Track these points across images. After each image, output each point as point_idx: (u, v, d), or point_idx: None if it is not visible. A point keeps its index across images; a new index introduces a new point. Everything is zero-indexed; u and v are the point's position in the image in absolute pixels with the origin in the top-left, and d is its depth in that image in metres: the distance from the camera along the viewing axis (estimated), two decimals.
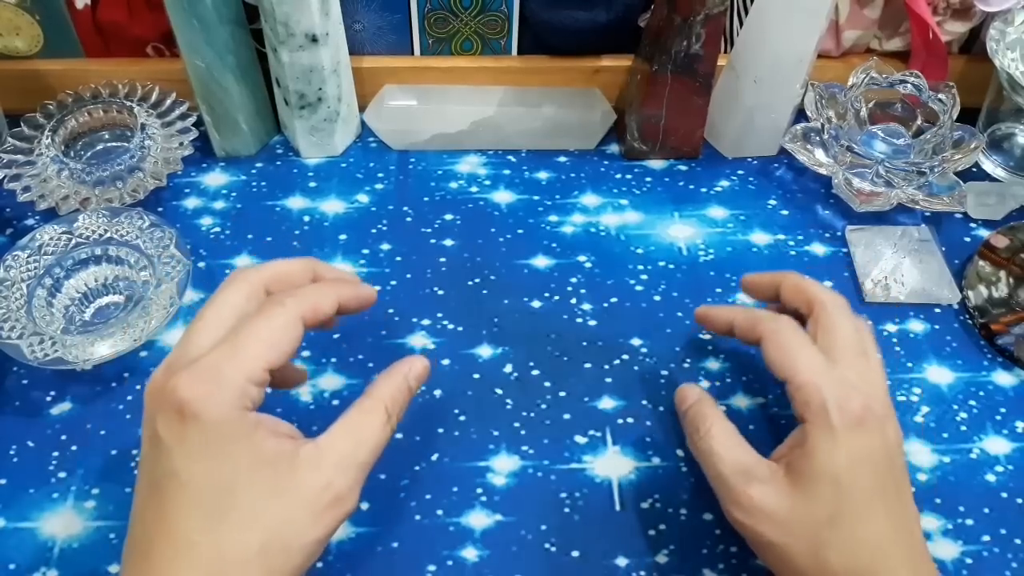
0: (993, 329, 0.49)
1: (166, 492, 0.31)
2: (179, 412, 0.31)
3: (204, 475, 0.31)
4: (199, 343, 0.33)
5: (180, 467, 0.31)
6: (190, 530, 0.31)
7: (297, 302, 0.35)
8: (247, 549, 0.31)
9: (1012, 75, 0.53)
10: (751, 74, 0.55)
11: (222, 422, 0.31)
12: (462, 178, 0.58)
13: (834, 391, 0.36)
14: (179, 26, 0.51)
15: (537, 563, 0.40)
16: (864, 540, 0.34)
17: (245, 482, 0.31)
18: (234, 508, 0.31)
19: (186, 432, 0.31)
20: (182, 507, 0.31)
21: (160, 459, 0.31)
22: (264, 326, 0.34)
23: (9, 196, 0.52)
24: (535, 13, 0.57)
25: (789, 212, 0.56)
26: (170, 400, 0.31)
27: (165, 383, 0.32)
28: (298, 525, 0.32)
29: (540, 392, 0.46)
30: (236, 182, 0.57)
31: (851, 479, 0.34)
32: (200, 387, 0.31)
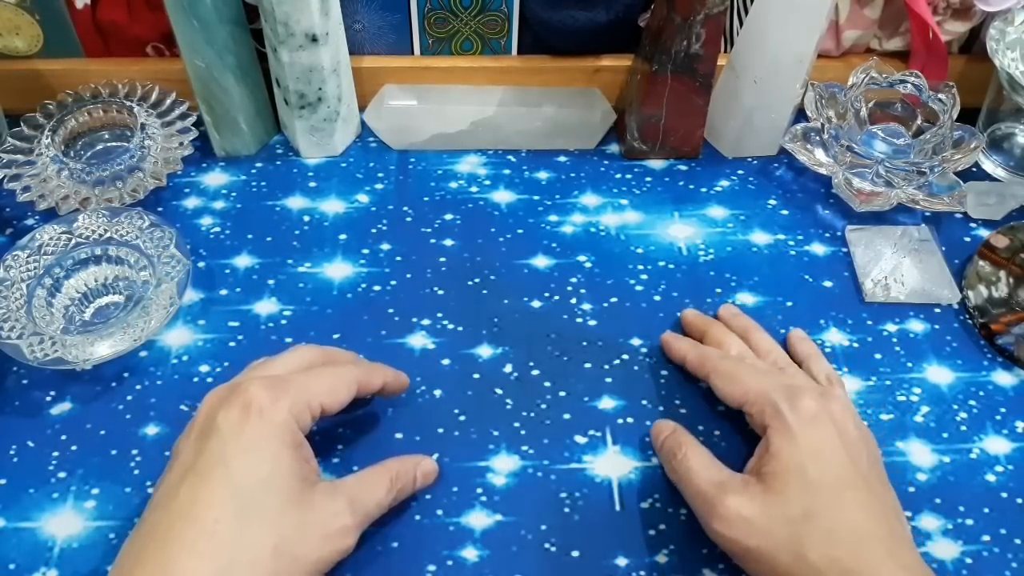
0: (993, 329, 0.49)
1: (209, 477, 0.34)
2: (245, 407, 0.35)
3: (249, 467, 0.34)
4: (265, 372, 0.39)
5: (230, 455, 0.34)
6: (219, 519, 0.33)
7: (357, 368, 0.41)
8: (261, 549, 0.33)
9: (1012, 75, 0.53)
10: (751, 74, 0.55)
11: (279, 424, 0.35)
12: (462, 178, 0.58)
13: (783, 393, 0.39)
14: (179, 26, 0.51)
15: (537, 563, 0.40)
16: (840, 531, 0.35)
17: (279, 485, 0.34)
18: (263, 507, 0.34)
19: (246, 425, 0.35)
20: (219, 494, 0.33)
21: (210, 447, 0.34)
22: (331, 373, 0.39)
23: (9, 196, 0.52)
24: (535, 13, 0.57)
25: (789, 212, 0.56)
26: (239, 396, 0.35)
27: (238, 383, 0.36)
28: (309, 540, 0.34)
29: (540, 392, 0.46)
30: (236, 182, 0.57)
31: (816, 472, 0.36)
32: (269, 392, 0.36)
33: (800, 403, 0.38)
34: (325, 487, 0.36)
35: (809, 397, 0.39)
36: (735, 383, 0.41)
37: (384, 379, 0.42)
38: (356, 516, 0.36)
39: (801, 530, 0.35)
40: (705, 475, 0.39)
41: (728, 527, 0.37)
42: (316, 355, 0.41)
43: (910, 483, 0.43)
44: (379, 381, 0.42)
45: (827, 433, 0.38)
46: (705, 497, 0.38)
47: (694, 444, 0.41)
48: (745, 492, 0.37)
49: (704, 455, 0.40)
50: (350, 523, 0.36)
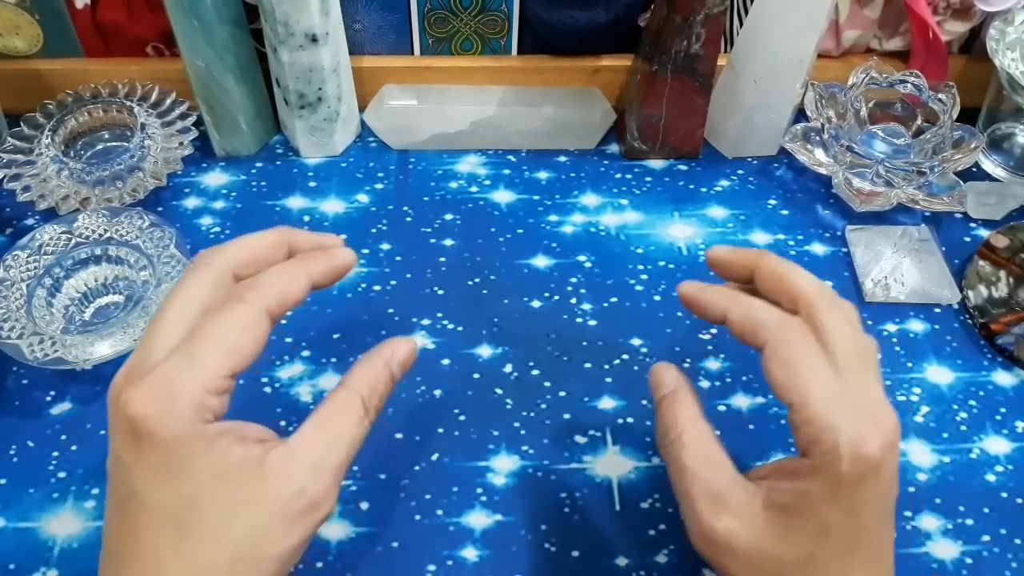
0: (993, 329, 0.49)
1: (129, 512, 0.29)
2: (133, 432, 0.29)
3: (165, 495, 0.29)
4: (159, 345, 0.30)
5: (140, 488, 0.29)
6: (157, 549, 0.29)
7: (260, 295, 0.31)
8: (216, 563, 0.29)
9: (1012, 75, 0.53)
10: (751, 74, 0.55)
11: (179, 440, 0.29)
12: (462, 178, 0.58)
13: (849, 432, 0.30)
14: (179, 26, 0.51)
15: (537, 563, 0.40)
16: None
17: (209, 497, 0.29)
18: (200, 524, 0.29)
19: (142, 452, 0.29)
20: (146, 527, 0.29)
21: (120, 479, 0.30)
22: (223, 328, 0.30)
23: (9, 196, 0.52)
24: (535, 13, 0.57)
25: (789, 212, 0.56)
26: (123, 417, 0.29)
27: (118, 396, 0.29)
28: (269, 535, 0.30)
29: (540, 392, 0.46)
30: (236, 182, 0.57)
31: (840, 527, 0.30)
32: (153, 404, 0.29)
33: (863, 450, 0.30)
34: (277, 459, 0.30)
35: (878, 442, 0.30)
36: (794, 377, 0.31)
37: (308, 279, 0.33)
38: (323, 478, 0.30)
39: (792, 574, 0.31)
40: (699, 477, 0.32)
41: (711, 548, 0.32)
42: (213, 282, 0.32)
43: (910, 483, 0.43)
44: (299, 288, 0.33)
45: (874, 486, 0.30)
46: (694, 506, 0.32)
47: (693, 423, 0.34)
48: (743, 515, 0.31)
49: (703, 441, 0.33)
50: (317, 492, 0.30)
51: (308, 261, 0.34)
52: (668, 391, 0.35)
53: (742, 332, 0.34)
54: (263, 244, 0.34)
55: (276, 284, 0.32)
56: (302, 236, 0.36)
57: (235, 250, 0.34)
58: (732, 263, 0.37)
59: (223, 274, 0.33)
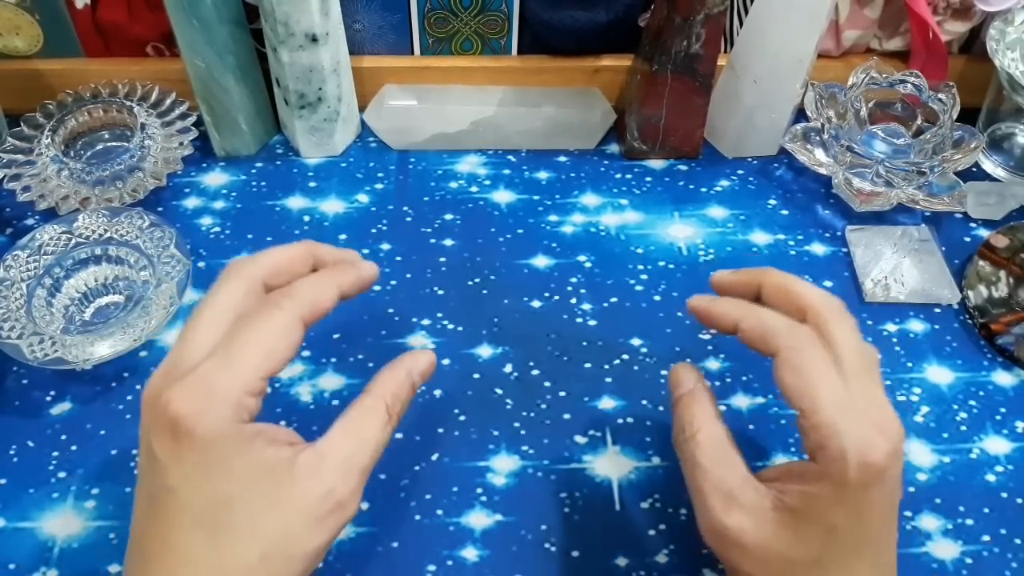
0: (993, 329, 0.49)
1: (164, 508, 0.30)
2: (172, 429, 0.30)
3: (201, 492, 0.30)
4: (195, 349, 0.32)
5: (177, 484, 0.30)
6: (190, 546, 0.30)
7: (295, 303, 0.33)
8: (247, 561, 0.30)
9: (1012, 75, 0.53)
10: (751, 74, 0.55)
11: (217, 438, 0.30)
12: (462, 178, 0.58)
13: (856, 438, 0.31)
14: (179, 26, 0.51)
15: (537, 563, 0.40)
16: None
17: (243, 496, 0.30)
18: (233, 522, 0.30)
19: (181, 450, 0.30)
20: (181, 524, 0.30)
21: (156, 475, 0.30)
22: (260, 332, 0.32)
23: (9, 196, 0.52)
24: (535, 13, 0.57)
25: (789, 212, 0.56)
26: (163, 416, 0.30)
27: (159, 395, 0.30)
28: (298, 534, 0.31)
29: (540, 392, 0.46)
30: (236, 182, 0.57)
31: (847, 530, 0.31)
32: (193, 403, 0.30)
33: (869, 458, 0.31)
34: (307, 462, 0.31)
35: (883, 449, 0.31)
36: (805, 385, 0.32)
37: (337, 290, 0.35)
38: (350, 479, 0.32)
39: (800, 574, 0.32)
40: (713, 475, 0.33)
41: (721, 544, 0.33)
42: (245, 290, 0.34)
43: (910, 483, 0.43)
44: (330, 297, 0.35)
45: (880, 492, 0.31)
46: (706, 502, 0.33)
47: (709, 423, 0.35)
48: (754, 514, 0.32)
49: (718, 440, 0.34)
50: (344, 494, 0.31)
51: (337, 273, 0.36)
52: (686, 390, 0.36)
53: (753, 340, 0.35)
54: (290, 256, 0.36)
55: (309, 293, 0.34)
56: (325, 250, 0.38)
57: (265, 260, 0.35)
58: (736, 284, 0.38)
59: (254, 282, 0.34)
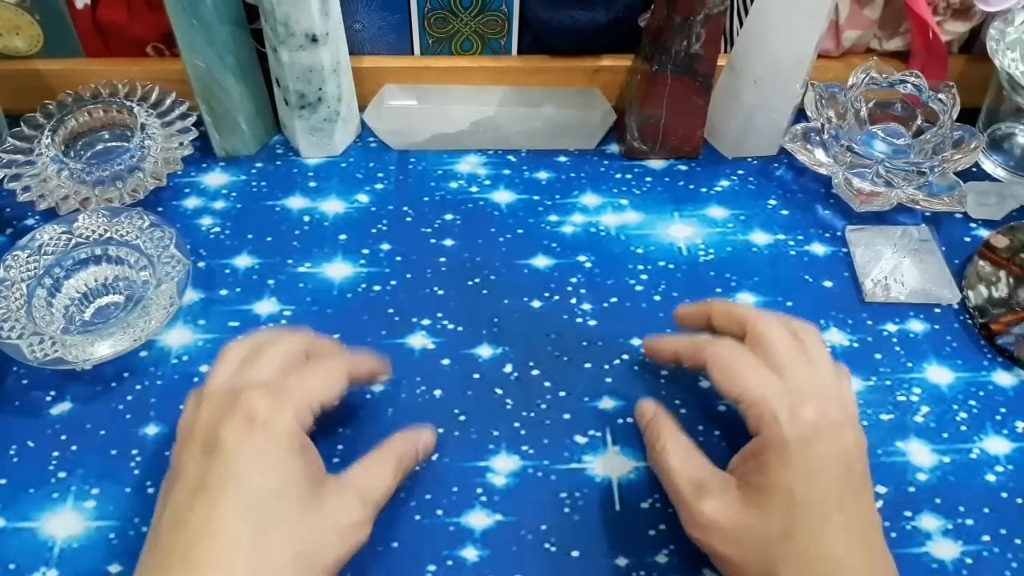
0: (993, 329, 0.49)
1: (222, 494, 0.33)
2: (249, 420, 0.34)
3: (261, 480, 0.34)
4: (258, 375, 0.37)
5: (241, 470, 0.34)
6: (239, 533, 0.33)
7: (347, 360, 0.41)
8: (284, 556, 0.33)
9: (1012, 75, 0.53)
10: (751, 74, 0.55)
11: (286, 433, 0.35)
12: (462, 178, 0.58)
13: (784, 401, 0.36)
14: (179, 26, 0.51)
15: (537, 563, 0.40)
16: (819, 555, 0.33)
17: (292, 492, 0.34)
18: (278, 516, 0.34)
19: (253, 436, 0.34)
20: (237, 510, 0.33)
21: (217, 463, 0.34)
22: (324, 369, 0.39)
23: (9, 196, 0.52)
24: (535, 13, 0.57)
25: (789, 212, 0.56)
26: (242, 407, 0.35)
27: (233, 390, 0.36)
28: (326, 541, 0.35)
29: (540, 392, 0.46)
30: (236, 182, 0.57)
31: (805, 492, 0.34)
32: (271, 401, 0.35)
33: (800, 413, 0.35)
34: (334, 484, 0.36)
35: (810, 408, 0.36)
36: (733, 377, 0.38)
37: (370, 366, 0.42)
38: (367, 508, 0.37)
39: (776, 548, 0.34)
40: (684, 473, 0.38)
41: (703, 533, 0.36)
42: (300, 346, 0.40)
43: (910, 483, 0.43)
44: (366, 369, 0.42)
45: (822, 450, 0.35)
46: (682, 497, 0.37)
47: (673, 434, 0.40)
48: (723, 497, 0.36)
49: (683, 447, 0.39)
50: (363, 516, 0.36)
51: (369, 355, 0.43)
52: (651, 415, 0.42)
53: (690, 359, 0.41)
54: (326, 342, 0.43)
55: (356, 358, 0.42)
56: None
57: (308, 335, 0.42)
58: (690, 315, 0.44)
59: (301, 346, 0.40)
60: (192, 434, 0.36)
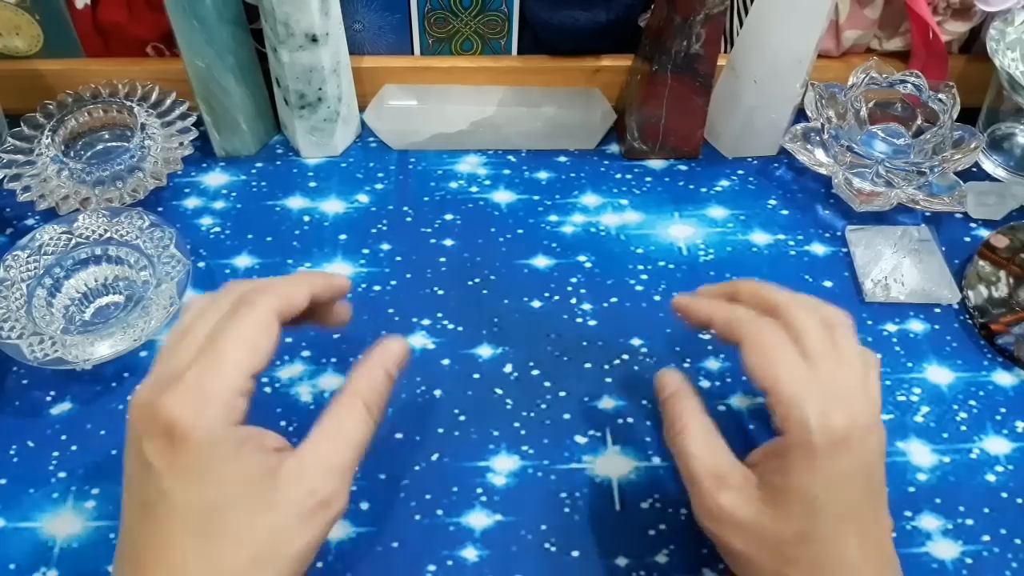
0: (993, 329, 0.49)
1: (157, 514, 0.31)
2: (167, 435, 0.30)
3: (195, 496, 0.31)
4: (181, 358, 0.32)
5: (170, 489, 0.31)
6: (183, 551, 0.30)
7: (267, 297, 0.34)
8: (240, 564, 0.31)
9: (1012, 75, 0.53)
10: (751, 74, 0.55)
11: (211, 442, 0.31)
12: (462, 178, 0.58)
13: (816, 406, 0.33)
14: (179, 26, 0.51)
15: (537, 563, 0.40)
16: (832, 561, 0.33)
17: (234, 501, 0.31)
18: (225, 527, 0.31)
19: (175, 455, 0.30)
20: (174, 529, 0.31)
21: (149, 482, 0.31)
22: (240, 331, 0.33)
23: (9, 196, 0.52)
24: (535, 13, 0.57)
25: (789, 212, 0.56)
26: (158, 422, 0.31)
27: (151, 403, 0.31)
28: (287, 535, 0.32)
29: (540, 392, 0.46)
30: (236, 182, 0.57)
31: (826, 500, 0.33)
32: (187, 407, 0.31)
33: (831, 419, 0.33)
34: (291, 466, 0.32)
35: (843, 415, 0.33)
36: (767, 365, 0.35)
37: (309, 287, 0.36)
38: (334, 477, 0.33)
39: (791, 551, 0.33)
40: (703, 461, 0.36)
41: (717, 524, 0.35)
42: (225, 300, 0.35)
43: (910, 483, 0.43)
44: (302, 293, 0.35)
45: (848, 460, 0.33)
46: (700, 486, 0.35)
47: (696, 416, 0.37)
48: (742, 492, 0.34)
49: (706, 430, 0.37)
50: (330, 489, 0.33)
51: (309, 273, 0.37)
52: (674, 390, 0.39)
53: (723, 331, 0.38)
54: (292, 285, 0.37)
55: (281, 287, 0.35)
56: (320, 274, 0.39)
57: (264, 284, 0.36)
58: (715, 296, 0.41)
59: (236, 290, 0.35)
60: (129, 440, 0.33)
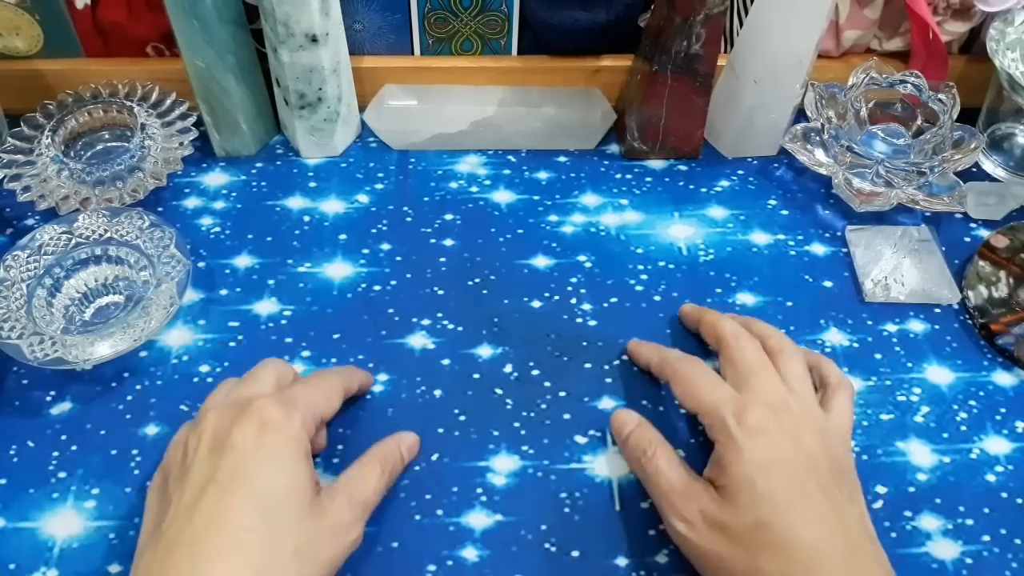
0: (993, 329, 0.49)
1: (231, 490, 0.35)
2: (262, 424, 0.37)
3: (270, 479, 0.36)
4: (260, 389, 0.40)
5: (253, 469, 0.35)
6: (245, 528, 0.34)
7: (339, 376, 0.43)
8: (287, 551, 0.35)
9: (1012, 75, 0.53)
10: (751, 74, 0.55)
11: (295, 438, 0.37)
12: (462, 178, 0.58)
13: (731, 406, 0.39)
14: (179, 26, 0.51)
15: (537, 563, 0.40)
16: (793, 546, 0.35)
17: (296, 494, 0.36)
18: (285, 513, 0.35)
19: (264, 440, 0.36)
20: (244, 505, 0.35)
21: (227, 462, 0.36)
22: (323, 384, 0.42)
23: (9, 196, 0.52)
24: (535, 13, 0.57)
25: (789, 212, 0.56)
26: (255, 413, 0.37)
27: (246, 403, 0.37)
28: (323, 539, 0.36)
29: (540, 392, 0.46)
30: (236, 182, 0.57)
31: (765, 485, 0.36)
32: (283, 408, 0.38)
33: (746, 416, 0.38)
34: (326, 491, 0.38)
35: (757, 410, 0.39)
36: (689, 391, 0.41)
37: (359, 380, 0.45)
38: (356, 509, 0.38)
39: (755, 539, 0.35)
40: (673, 477, 0.39)
41: (690, 529, 0.38)
42: (288, 368, 0.42)
43: (910, 483, 0.43)
44: (356, 383, 0.44)
45: (775, 444, 0.38)
46: (670, 498, 0.39)
47: (662, 443, 0.41)
48: (705, 497, 0.38)
49: (672, 455, 0.41)
50: (352, 517, 0.38)
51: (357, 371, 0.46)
52: (635, 425, 0.43)
53: (657, 371, 0.45)
54: None
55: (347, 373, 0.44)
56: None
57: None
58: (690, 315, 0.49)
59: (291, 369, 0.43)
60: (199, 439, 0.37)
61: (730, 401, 0.39)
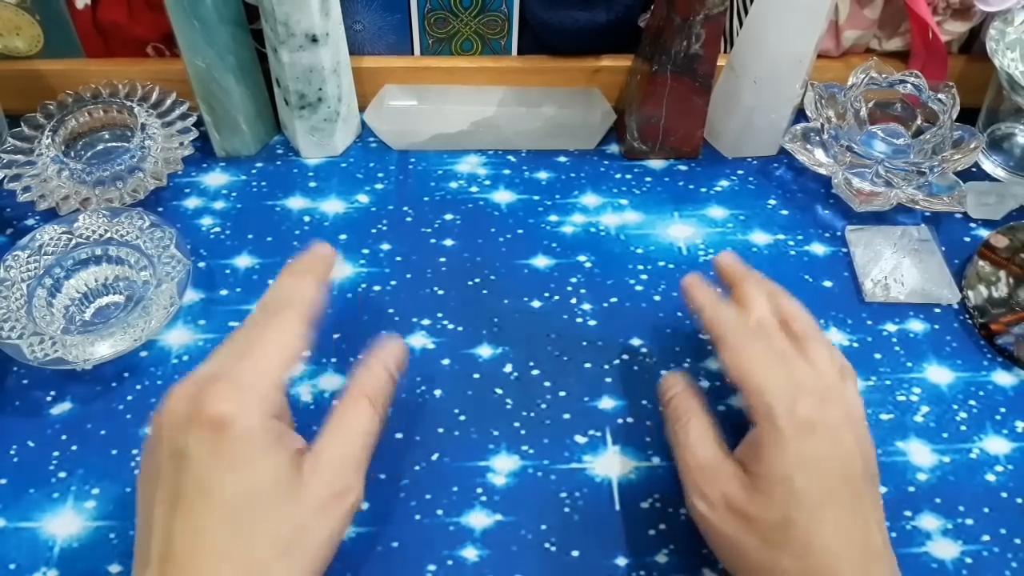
0: (993, 329, 0.49)
1: (197, 506, 0.32)
2: (214, 426, 0.32)
3: (235, 487, 0.32)
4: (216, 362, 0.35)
5: (214, 479, 0.32)
6: (223, 541, 0.32)
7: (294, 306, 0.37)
8: (268, 555, 0.32)
9: (1012, 75, 0.53)
10: (751, 74, 0.55)
11: (253, 431, 0.33)
12: (462, 178, 0.58)
13: (782, 395, 0.36)
14: (179, 26, 0.51)
15: (537, 563, 0.40)
16: (816, 546, 0.34)
17: (267, 492, 0.33)
18: (260, 517, 0.33)
19: (220, 444, 0.32)
20: (214, 521, 0.32)
21: (188, 474, 0.32)
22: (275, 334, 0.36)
23: (9, 196, 0.52)
24: (535, 13, 0.57)
25: (789, 212, 0.56)
26: (204, 415, 0.32)
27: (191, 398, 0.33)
28: (309, 526, 0.34)
29: (540, 392, 0.46)
30: (236, 182, 0.57)
31: (803, 483, 0.35)
32: (231, 401, 0.33)
33: (796, 408, 0.36)
34: (308, 465, 0.35)
35: (807, 401, 0.36)
36: (738, 363, 0.38)
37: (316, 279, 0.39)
38: (347, 471, 0.35)
39: (778, 535, 0.35)
40: (701, 451, 0.38)
41: (710, 509, 0.37)
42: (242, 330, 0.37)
43: (910, 483, 0.43)
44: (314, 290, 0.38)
45: (819, 444, 0.36)
46: (695, 475, 0.38)
47: (699, 413, 0.40)
48: (734, 482, 0.37)
49: (706, 428, 0.39)
50: (344, 482, 0.35)
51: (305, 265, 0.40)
52: (680, 390, 0.41)
53: (706, 327, 0.42)
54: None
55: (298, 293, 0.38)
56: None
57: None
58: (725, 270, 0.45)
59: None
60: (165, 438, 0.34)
61: (781, 386, 0.37)
